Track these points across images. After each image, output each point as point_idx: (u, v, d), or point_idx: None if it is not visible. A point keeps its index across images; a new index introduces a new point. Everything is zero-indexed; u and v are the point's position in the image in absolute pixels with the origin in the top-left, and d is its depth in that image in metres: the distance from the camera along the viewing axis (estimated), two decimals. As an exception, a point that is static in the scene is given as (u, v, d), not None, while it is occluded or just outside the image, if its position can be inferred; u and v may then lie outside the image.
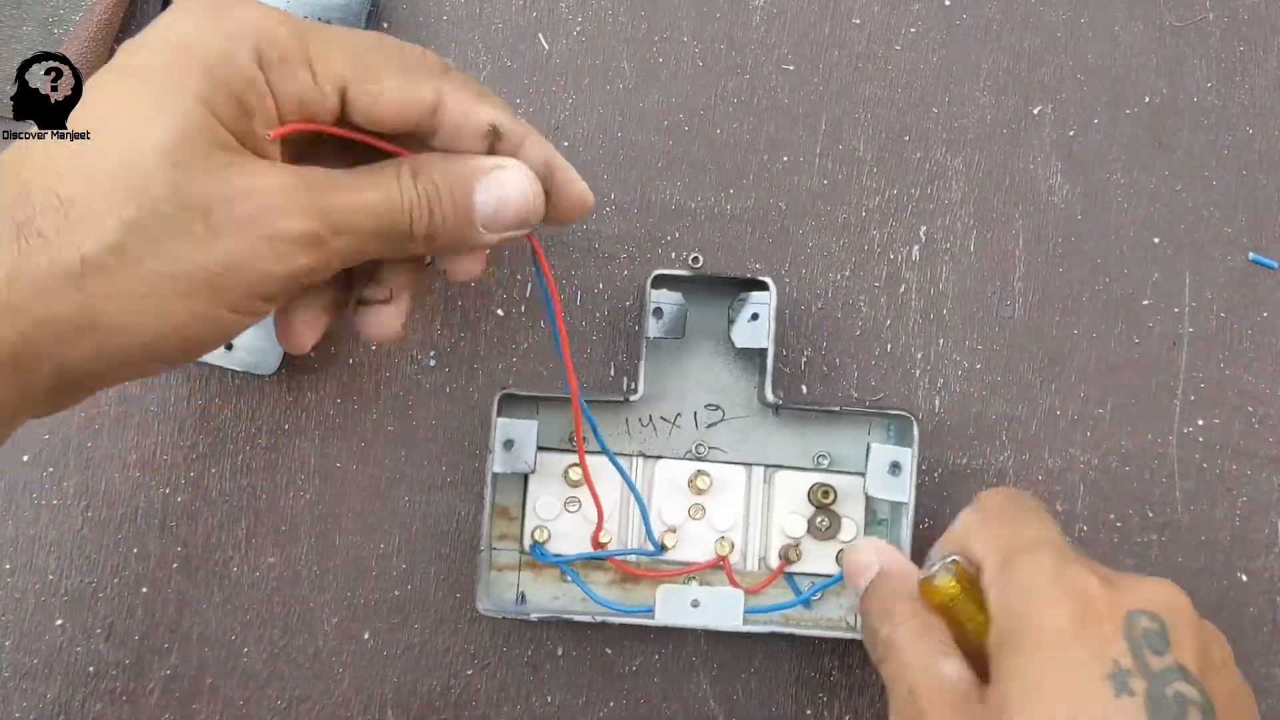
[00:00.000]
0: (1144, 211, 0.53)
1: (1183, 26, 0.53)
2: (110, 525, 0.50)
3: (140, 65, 0.33)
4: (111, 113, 0.33)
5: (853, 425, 0.51)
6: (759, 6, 0.53)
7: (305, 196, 0.34)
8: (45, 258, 0.31)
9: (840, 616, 0.50)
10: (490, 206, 0.37)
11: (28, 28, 0.50)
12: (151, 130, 0.32)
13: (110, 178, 0.32)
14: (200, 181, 0.32)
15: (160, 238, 0.32)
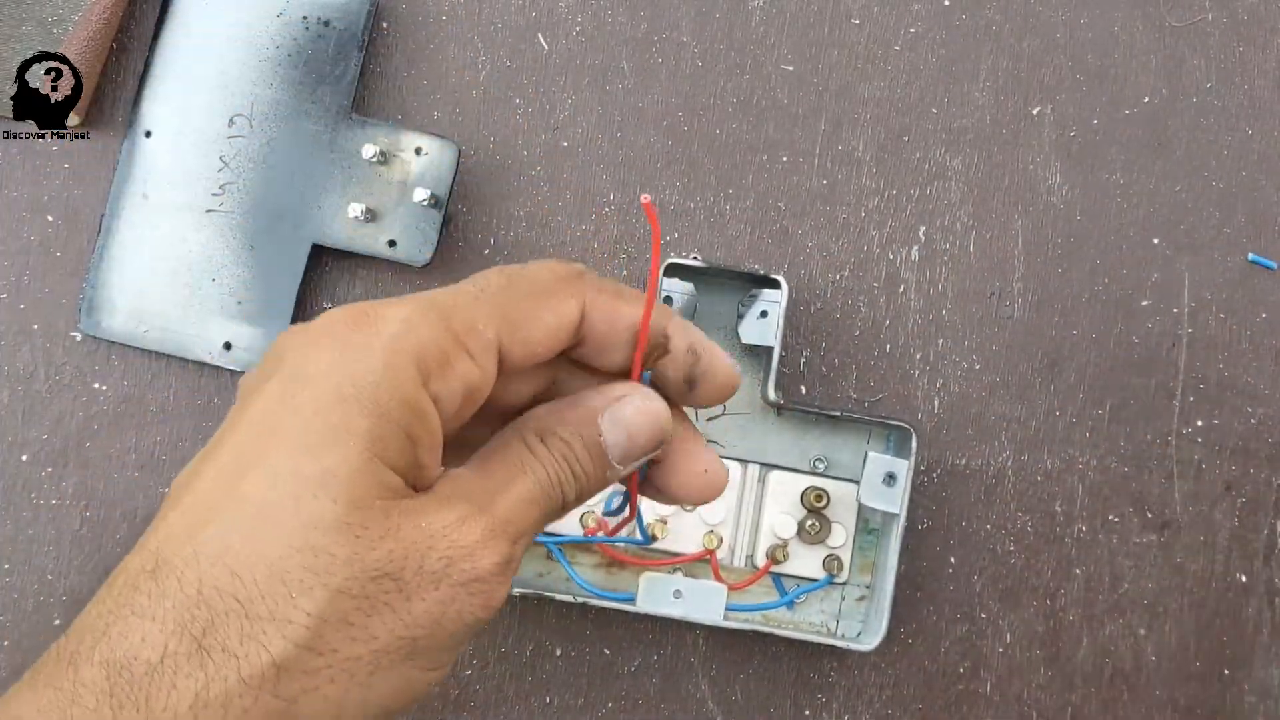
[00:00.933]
0: (1144, 211, 0.53)
1: (1183, 26, 0.53)
2: (110, 525, 0.50)
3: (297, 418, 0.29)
4: (273, 483, 0.29)
5: (852, 432, 0.50)
6: (759, 6, 0.53)
7: (483, 524, 0.30)
8: (233, 673, 0.28)
9: (822, 622, 0.50)
10: (621, 445, 0.34)
11: (28, 28, 0.50)
12: (323, 501, 0.29)
13: (287, 565, 0.28)
14: (384, 546, 0.29)
15: (354, 621, 0.29)
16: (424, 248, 0.49)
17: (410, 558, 0.29)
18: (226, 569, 0.28)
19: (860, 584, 0.50)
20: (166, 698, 0.27)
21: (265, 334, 0.49)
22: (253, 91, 0.50)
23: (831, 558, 0.50)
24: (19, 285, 0.51)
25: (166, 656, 0.27)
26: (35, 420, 0.50)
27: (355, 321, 0.30)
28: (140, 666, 0.27)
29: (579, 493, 0.34)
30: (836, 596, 0.50)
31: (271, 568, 0.28)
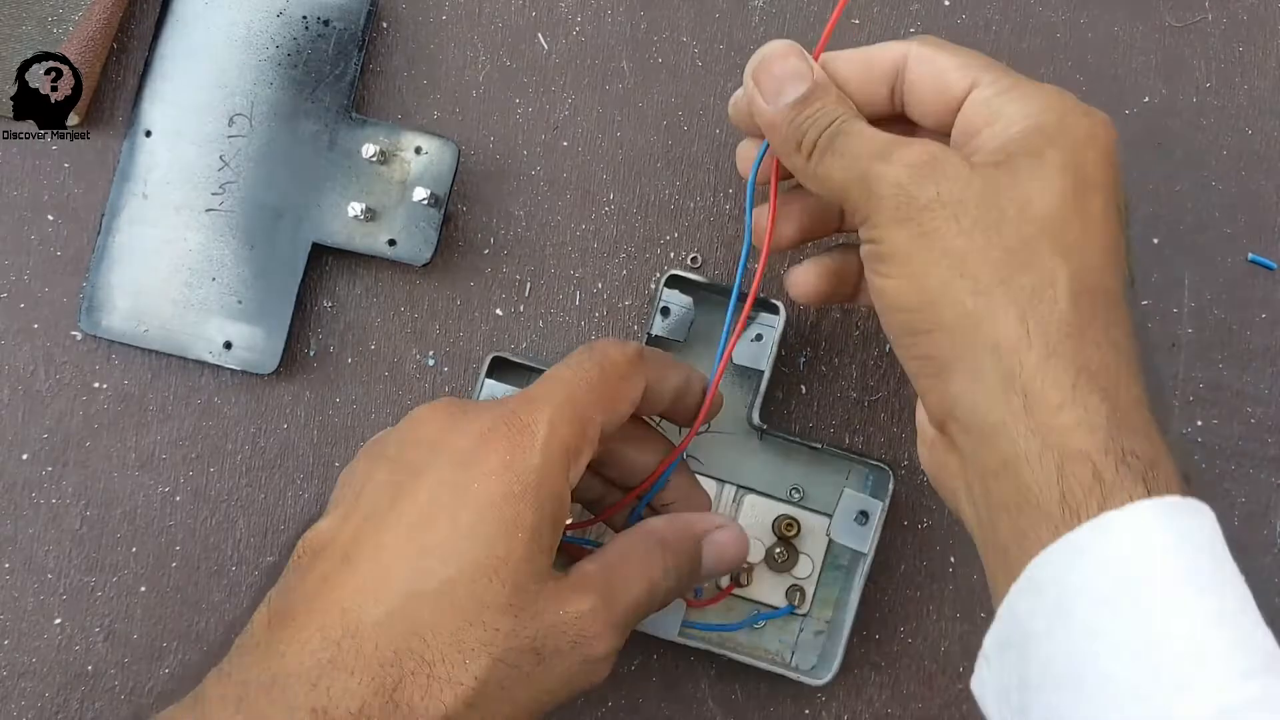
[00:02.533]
0: (1144, 212, 0.52)
1: (1183, 27, 0.53)
2: (110, 525, 0.50)
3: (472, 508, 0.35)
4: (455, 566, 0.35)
5: (832, 465, 0.50)
6: (759, 6, 0.53)
7: (605, 616, 0.37)
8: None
9: (778, 651, 0.50)
10: (712, 561, 0.42)
11: (28, 28, 0.50)
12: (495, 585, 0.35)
13: (463, 636, 0.34)
14: (536, 624, 0.35)
15: (506, 685, 0.35)
16: (424, 247, 0.49)
17: (550, 637, 0.35)
18: (419, 636, 0.34)
19: (821, 618, 0.50)
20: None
21: (265, 333, 0.49)
22: (253, 91, 0.50)
23: (795, 588, 0.50)
24: (19, 284, 0.51)
25: (365, 708, 0.33)
26: (35, 419, 0.50)
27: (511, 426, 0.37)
28: (341, 714, 0.33)
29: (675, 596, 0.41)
30: (795, 627, 0.50)
31: (453, 637, 0.34)
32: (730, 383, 0.50)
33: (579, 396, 0.38)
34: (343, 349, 0.51)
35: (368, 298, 0.51)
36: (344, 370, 0.51)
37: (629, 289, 0.51)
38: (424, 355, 0.51)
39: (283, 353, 0.49)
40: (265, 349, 0.49)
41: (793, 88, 0.39)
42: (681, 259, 0.51)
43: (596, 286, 0.51)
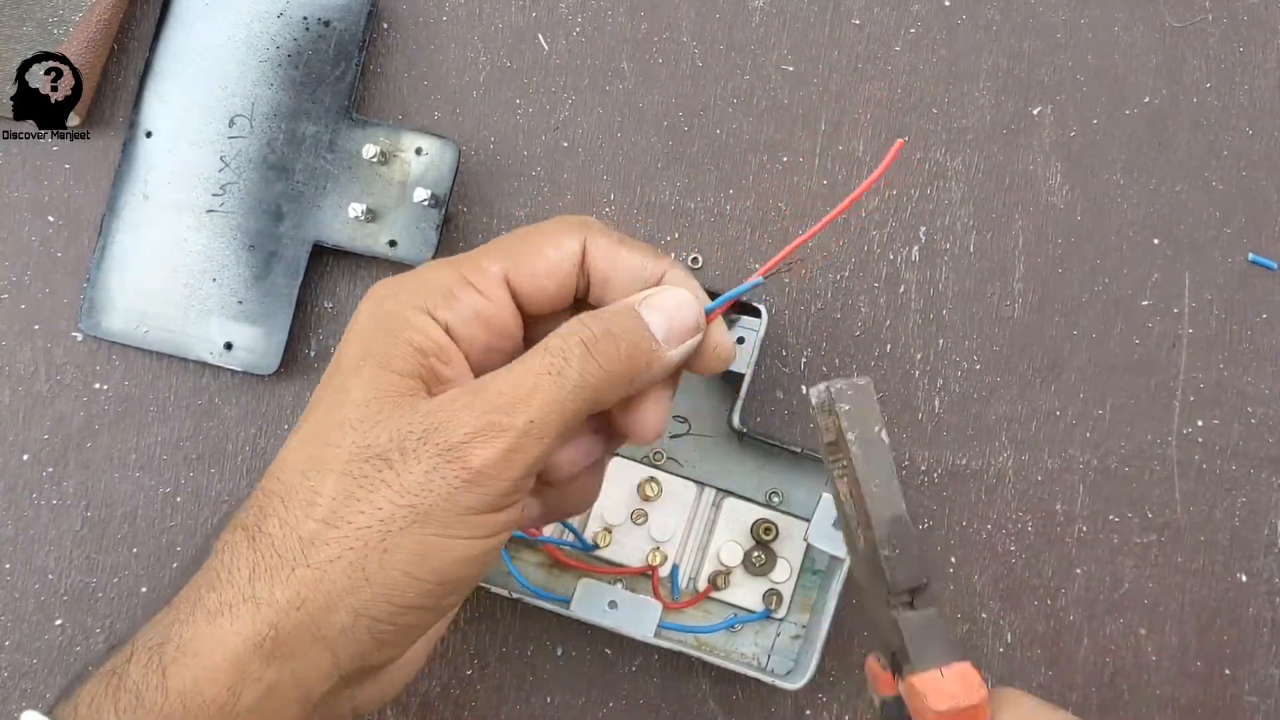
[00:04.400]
0: (1144, 212, 0.53)
1: (1183, 27, 0.53)
2: (110, 525, 0.50)
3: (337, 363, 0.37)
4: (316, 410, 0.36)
5: (812, 470, 0.50)
6: (759, 7, 0.53)
7: (465, 400, 0.35)
8: (273, 550, 0.34)
9: (754, 655, 0.50)
10: (663, 325, 0.37)
11: (28, 28, 0.50)
12: (341, 408, 0.35)
13: (311, 463, 0.35)
14: (379, 431, 0.34)
15: (359, 496, 0.34)
16: (424, 248, 0.49)
17: (394, 438, 0.34)
18: (275, 478, 0.35)
19: (797, 622, 0.50)
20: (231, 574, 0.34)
21: (265, 334, 0.49)
22: (253, 92, 0.50)
23: (772, 592, 0.50)
24: (19, 285, 0.51)
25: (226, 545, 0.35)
26: (36, 420, 0.50)
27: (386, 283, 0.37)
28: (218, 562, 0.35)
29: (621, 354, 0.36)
30: (772, 631, 0.50)
31: (302, 467, 0.35)
32: (711, 384, 0.50)
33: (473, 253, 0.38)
34: (343, 349, 0.51)
35: (368, 298, 0.51)
36: (345, 371, 0.51)
37: (629, 289, 0.51)
38: (425, 356, 0.51)
39: (283, 353, 0.49)
40: (266, 350, 0.49)
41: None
42: (683, 259, 0.51)
43: (597, 287, 0.52)
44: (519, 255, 0.38)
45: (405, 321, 0.36)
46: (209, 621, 0.33)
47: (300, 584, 0.34)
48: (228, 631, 0.33)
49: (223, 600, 0.34)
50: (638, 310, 0.37)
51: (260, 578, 0.34)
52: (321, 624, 0.34)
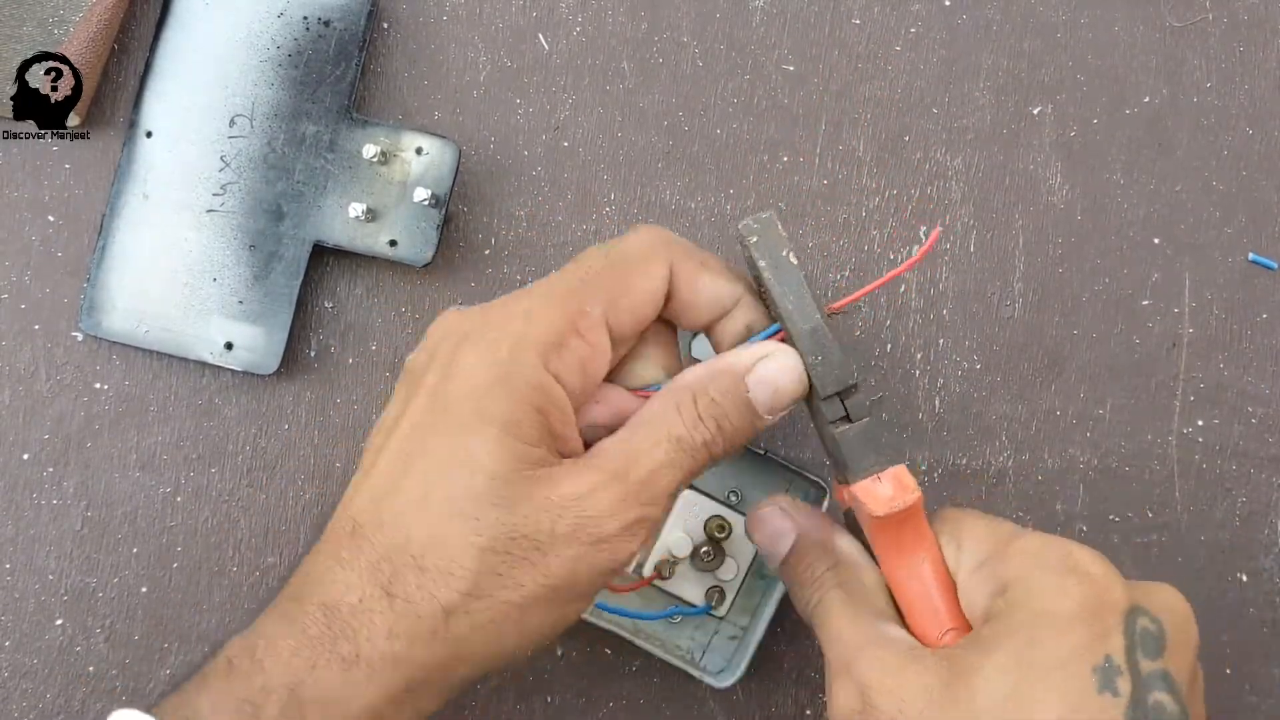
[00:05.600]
0: (1144, 211, 0.53)
1: (1183, 26, 0.53)
2: (110, 525, 0.50)
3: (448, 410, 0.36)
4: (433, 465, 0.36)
5: (774, 474, 0.50)
6: (759, 7, 0.53)
7: (615, 491, 0.36)
8: (412, 613, 0.35)
9: (689, 649, 0.50)
10: (767, 398, 0.38)
11: (28, 28, 0.50)
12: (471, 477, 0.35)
13: (447, 530, 0.35)
14: (523, 512, 0.35)
15: (502, 572, 0.35)
16: (425, 247, 0.49)
17: (543, 523, 0.35)
18: (404, 534, 0.35)
19: (737, 624, 0.50)
20: (369, 629, 0.35)
21: (266, 334, 0.49)
22: (253, 92, 0.50)
23: (716, 589, 0.49)
24: (20, 285, 0.51)
25: (364, 599, 0.35)
26: (36, 420, 0.50)
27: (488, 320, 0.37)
28: (346, 608, 0.35)
29: (726, 446, 0.39)
30: (711, 629, 0.50)
31: (435, 532, 0.35)
32: None
33: (570, 288, 0.38)
34: (344, 349, 0.51)
35: (369, 298, 0.51)
36: (345, 371, 0.51)
37: (630, 289, 0.51)
38: (425, 356, 0.51)
39: (283, 353, 0.49)
40: (266, 349, 0.49)
41: (780, 546, 0.41)
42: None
43: (597, 287, 0.51)
44: (615, 291, 0.38)
45: (528, 383, 0.36)
46: (345, 671, 0.35)
47: (440, 647, 0.35)
48: (365, 685, 0.35)
49: (360, 654, 0.35)
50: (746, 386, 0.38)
51: (399, 638, 0.35)
52: (450, 676, 0.36)
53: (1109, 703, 0.33)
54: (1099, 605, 0.35)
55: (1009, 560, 0.37)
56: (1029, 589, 0.35)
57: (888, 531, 0.39)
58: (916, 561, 0.39)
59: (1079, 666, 0.34)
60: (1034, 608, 0.35)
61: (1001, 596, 0.36)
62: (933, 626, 0.38)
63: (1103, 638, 0.34)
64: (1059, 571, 0.36)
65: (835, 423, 0.38)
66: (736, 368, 0.38)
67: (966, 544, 0.38)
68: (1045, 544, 0.37)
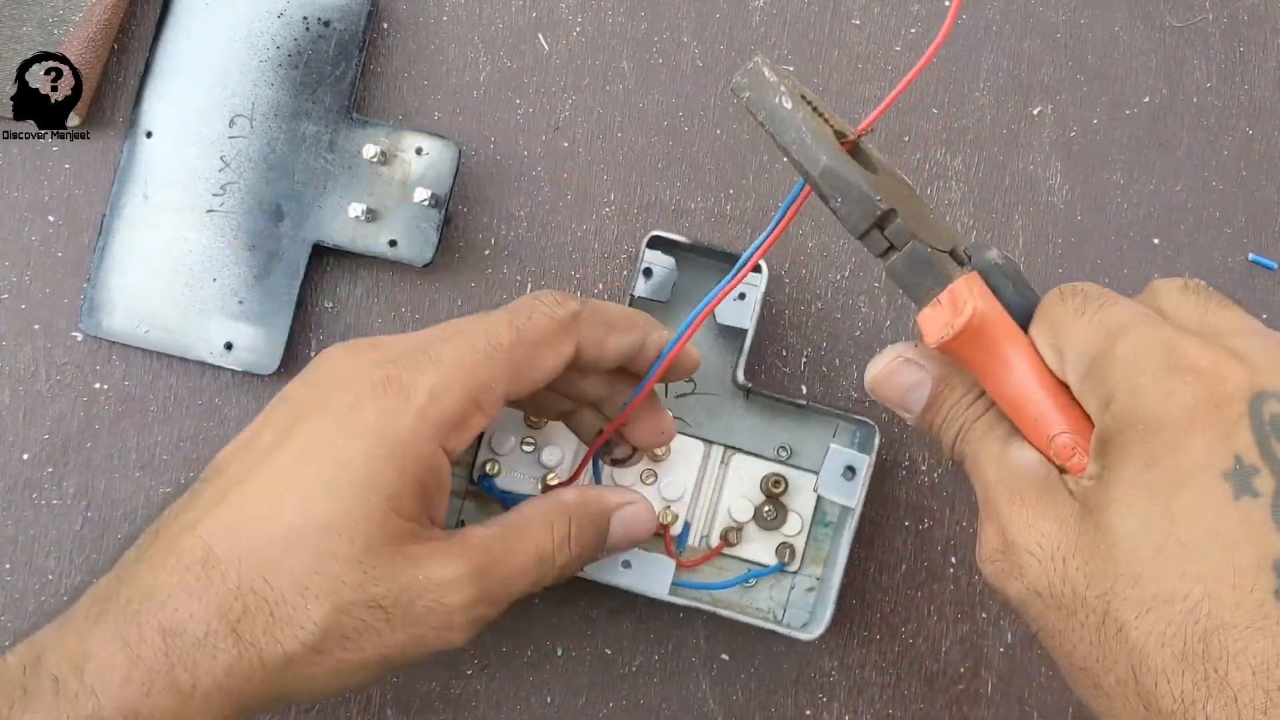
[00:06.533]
0: (1144, 211, 0.53)
1: (1183, 26, 0.53)
2: (111, 525, 0.50)
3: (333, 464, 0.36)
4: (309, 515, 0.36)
5: (819, 423, 0.50)
6: (759, 7, 0.53)
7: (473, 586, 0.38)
8: (256, 656, 0.35)
9: (769, 609, 0.50)
10: (619, 535, 0.42)
11: (28, 28, 0.50)
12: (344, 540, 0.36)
13: (307, 582, 0.36)
14: (385, 583, 0.36)
15: (349, 635, 0.36)
16: (425, 248, 0.49)
17: (401, 598, 0.36)
18: (261, 576, 0.35)
19: (811, 575, 0.50)
20: (209, 664, 0.35)
21: (266, 334, 0.49)
22: (253, 92, 0.50)
23: (785, 545, 0.50)
24: (20, 285, 0.51)
25: (209, 634, 0.35)
26: (36, 420, 0.50)
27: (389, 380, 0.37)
28: (189, 638, 0.35)
29: (572, 572, 0.41)
30: (786, 585, 0.50)
31: (296, 582, 0.35)
32: (715, 343, 0.50)
33: (477, 363, 0.38)
34: (343, 349, 0.51)
35: (369, 298, 0.51)
36: (345, 371, 0.51)
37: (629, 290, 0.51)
38: (425, 356, 0.51)
39: (283, 353, 0.49)
40: (266, 350, 0.49)
41: (914, 399, 0.38)
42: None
43: (597, 287, 0.52)
44: (523, 372, 0.39)
45: (420, 463, 0.37)
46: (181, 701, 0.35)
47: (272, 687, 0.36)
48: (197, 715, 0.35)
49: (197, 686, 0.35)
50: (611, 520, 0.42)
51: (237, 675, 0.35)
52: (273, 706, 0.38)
53: (1251, 506, 0.29)
54: (1214, 403, 0.30)
55: (1111, 368, 0.32)
56: (1135, 400, 0.31)
57: (970, 351, 0.35)
58: (1011, 370, 0.34)
59: (1207, 477, 0.30)
60: (1143, 422, 0.31)
61: (1108, 412, 0.32)
62: (1040, 436, 0.34)
63: (1226, 438, 0.30)
64: (1163, 374, 0.31)
65: (883, 255, 0.35)
66: (608, 505, 0.42)
67: (1069, 350, 0.34)
68: (1146, 343, 0.32)
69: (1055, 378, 0.34)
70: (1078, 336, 0.33)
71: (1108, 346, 0.33)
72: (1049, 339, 0.34)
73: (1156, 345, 0.32)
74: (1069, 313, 0.34)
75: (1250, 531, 0.29)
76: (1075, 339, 0.34)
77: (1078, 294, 0.34)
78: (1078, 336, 0.33)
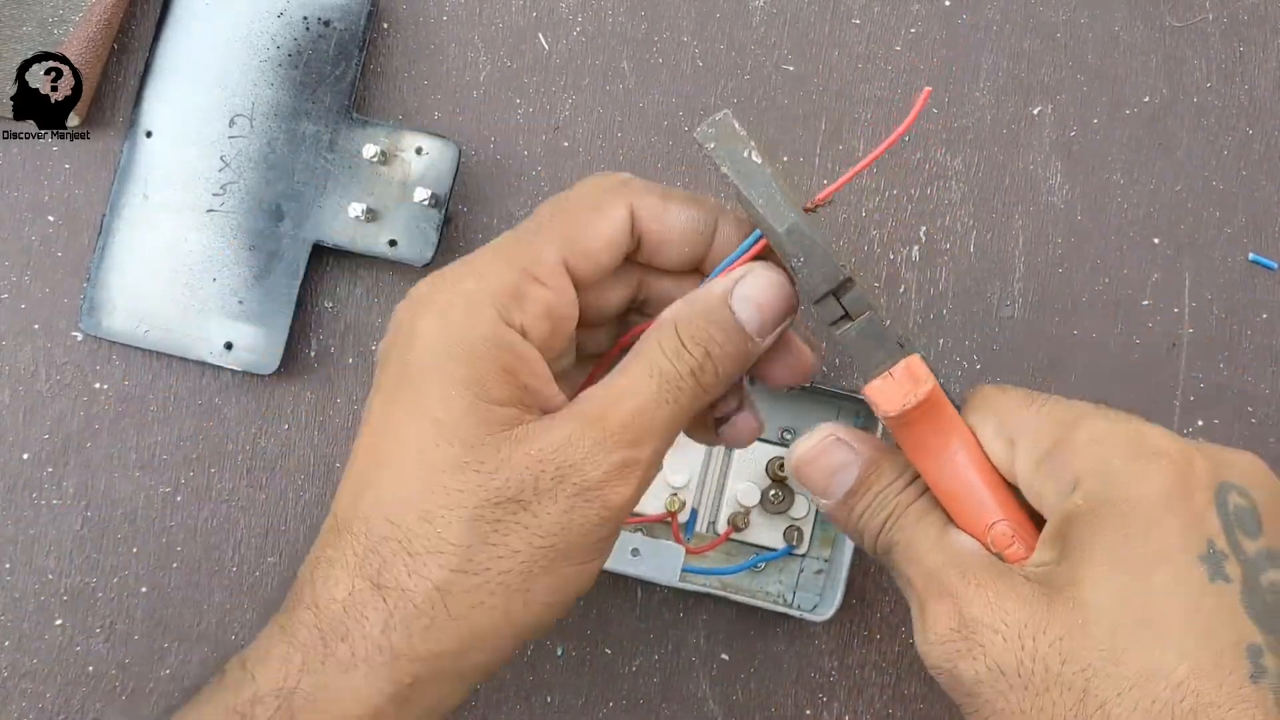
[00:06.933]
0: (1144, 211, 0.53)
1: (1183, 26, 0.53)
2: (111, 525, 0.50)
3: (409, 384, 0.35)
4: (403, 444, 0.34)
5: (822, 405, 0.51)
6: (759, 6, 0.53)
7: (594, 435, 0.34)
8: (408, 603, 0.33)
9: (779, 592, 0.50)
10: (753, 317, 0.36)
11: (28, 28, 0.50)
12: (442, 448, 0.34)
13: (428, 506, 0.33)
14: (503, 474, 0.33)
15: (493, 541, 0.33)
16: (425, 247, 0.49)
17: (525, 480, 0.33)
18: (387, 521, 0.34)
19: (819, 557, 0.51)
20: (361, 626, 0.33)
21: (266, 333, 0.49)
22: (253, 92, 0.50)
23: (792, 528, 0.50)
24: (20, 285, 0.51)
25: (353, 595, 0.33)
26: (36, 420, 0.50)
27: (440, 286, 0.35)
28: (336, 606, 0.33)
29: (719, 374, 0.36)
30: (795, 568, 0.51)
31: (419, 512, 0.33)
32: None
33: (520, 238, 0.36)
34: (343, 350, 0.51)
35: (369, 298, 0.51)
36: (345, 371, 0.51)
37: (630, 289, 0.51)
38: (425, 356, 0.51)
39: (283, 353, 0.49)
40: (266, 349, 0.49)
41: (838, 483, 0.37)
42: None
43: (597, 287, 0.52)
44: (572, 234, 0.36)
45: (488, 341, 0.34)
46: (343, 673, 0.33)
47: (442, 634, 0.33)
48: (364, 685, 0.33)
49: (356, 653, 0.33)
50: (732, 308, 0.36)
51: (396, 629, 0.33)
52: (462, 664, 0.34)
53: (1224, 590, 0.31)
54: (1185, 487, 0.32)
55: (1076, 452, 0.33)
56: (1106, 481, 0.32)
57: (912, 430, 0.35)
58: (950, 455, 0.35)
59: (1183, 557, 0.31)
60: (1117, 501, 0.32)
61: (1076, 493, 0.33)
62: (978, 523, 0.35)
63: (1198, 523, 0.31)
64: (1134, 457, 0.32)
65: (836, 324, 0.35)
66: (715, 291, 0.36)
67: (1021, 439, 0.35)
68: (1110, 428, 0.33)
69: (991, 466, 0.35)
70: (1031, 426, 0.34)
71: (1065, 435, 0.34)
72: (995, 428, 0.35)
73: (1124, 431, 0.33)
74: (1016, 403, 0.35)
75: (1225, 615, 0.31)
76: (1029, 428, 0.34)
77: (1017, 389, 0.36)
78: (1031, 426, 0.34)
